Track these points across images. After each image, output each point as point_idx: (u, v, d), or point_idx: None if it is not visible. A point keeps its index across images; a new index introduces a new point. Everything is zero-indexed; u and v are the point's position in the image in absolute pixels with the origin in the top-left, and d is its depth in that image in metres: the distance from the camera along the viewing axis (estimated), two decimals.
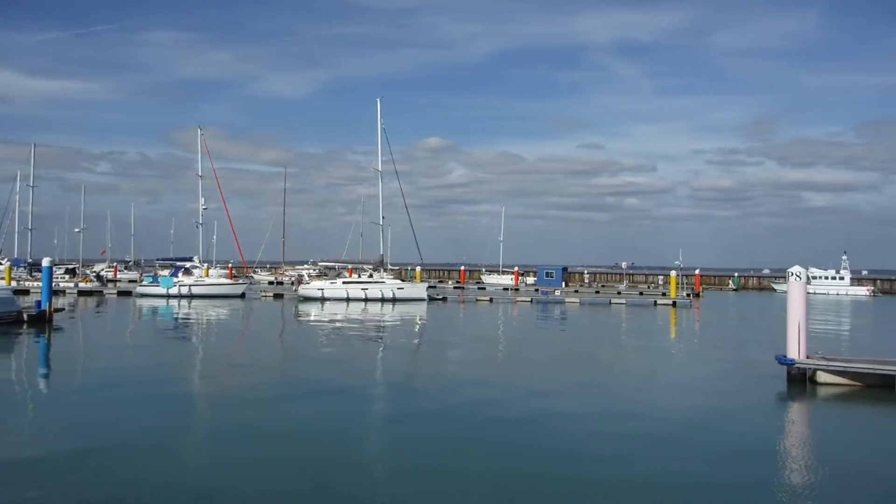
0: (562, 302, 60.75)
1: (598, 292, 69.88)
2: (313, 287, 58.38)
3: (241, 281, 64.60)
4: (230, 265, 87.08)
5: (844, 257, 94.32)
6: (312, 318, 42.21)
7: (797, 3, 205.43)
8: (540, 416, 15.82)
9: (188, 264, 61.32)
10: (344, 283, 58.68)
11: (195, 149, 64.58)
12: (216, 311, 45.17)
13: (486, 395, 18.09)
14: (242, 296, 58.95)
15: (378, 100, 61.34)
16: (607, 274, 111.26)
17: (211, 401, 17.69)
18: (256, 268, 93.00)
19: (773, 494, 10.61)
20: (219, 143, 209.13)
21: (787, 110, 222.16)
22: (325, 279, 62.18)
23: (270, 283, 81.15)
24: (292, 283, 65.13)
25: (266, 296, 60.81)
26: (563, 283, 79.13)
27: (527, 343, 31.95)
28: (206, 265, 65.62)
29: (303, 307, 49.88)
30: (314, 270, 78.47)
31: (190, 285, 58.16)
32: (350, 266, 65.94)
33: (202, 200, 63.67)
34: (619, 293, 67.52)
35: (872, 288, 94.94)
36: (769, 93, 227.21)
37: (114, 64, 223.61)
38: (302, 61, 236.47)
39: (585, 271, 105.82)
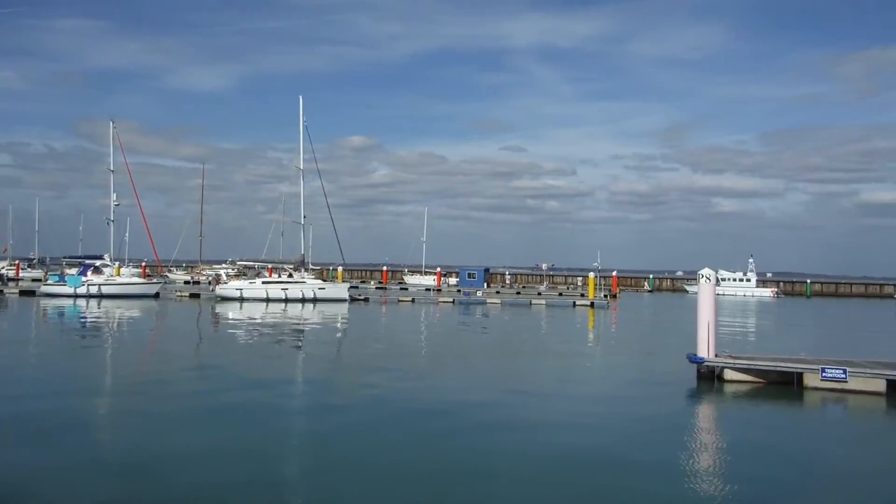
0: (483, 303, 61.30)
1: (518, 293, 70.86)
2: (231, 287, 57.00)
3: (155, 280, 62.47)
4: (144, 264, 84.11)
5: (751, 260, 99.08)
6: (230, 318, 41.14)
7: (708, 16, 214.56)
8: (457, 416, 15.86)
9: (98, 263, 58.80)
10: (263, 283, 57.54)
11: (106, 142, 62.00)
12: (127, 312, 43.44)
13: (405, 397, 18.00)
14: (156, 296, 57.03)
15: (300, 97, 60.67)
16: (528, 275, 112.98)
17: (102, 418, 15.72)
18: (172, 267, 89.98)
19: (681, 489, 10.94)
20: (132, 137, 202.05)
21: (698, 118, 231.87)
22: (244, 279, 60.79)
23: (186, 282, 78.75)
24: (209, 283, 63.40)
25: (182, 296, 58.97)
26: (485, 284, 79.90)
27: (448, 344, 32.04)
28: (117, 264, 63.15)
29: (220, 308, 48.59)
30: (233, 270, 76.59)
31: (100, 285, 55.80)
32: (270, 266, 64.70)
33: (114, 196, 61.23)
34: (539, 294, 68.67)
35: (776, 289, 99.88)
36: (682, 101, 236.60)
37: (18, 50, 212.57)
38: (219, 55, 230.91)
39: (507, 272, 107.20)
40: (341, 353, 28.85)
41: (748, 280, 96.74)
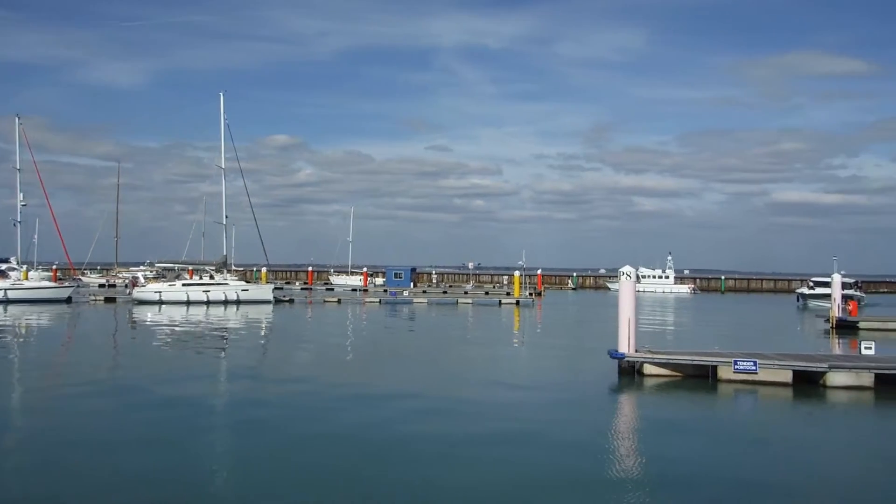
0: (410, 302, 61.29)
1: (445, 292, 71.15)
2: (150, 290, 55.19)
3: (66, 284, 59.82)
4: (55, 267, 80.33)
5: (669, 258, 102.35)
6: (148, 323, 39.80)
7: (629, 20, 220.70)
8: (380, 417, 15.78)
9: (4, 266, 55.91)
10: (184, 285, 55.92)
11: (12, 139, 58.96)
12: (35, 319, 41.42)
13: (328, 398, 17.81)
14: (68, 300, 54.62)
15: (221, 94, 59.19)
16: (455, 274, 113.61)
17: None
18: (85, 269, 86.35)
19: (600, 478, 11.20)
20: (41, 134, 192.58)
21: (621, 119, 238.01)
22: (163, 281, 58.92)
23: (101, 285, 75.80)
24: (126, 286, 61.16)
25: (96, 300, 56.67)
26: (412, 284, 79.83)
27: (373, 344, 31.88)
28: (24, 267, 60.13)
29: (137, 311, 46.92)
30: (151, 272, 74.16)
31: (6, 289, 53.00)
32: (190, 267, 62.92)
33: (21, 196, 58.28)
34: (465, 293, 69.12)
35: (693, 286, 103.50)
36: (605, 102, 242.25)
37: None
38: (136, 49, 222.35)
39: (434, 272, 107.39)
40: (266, 357, 28.32)
41: (667, 277, 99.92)
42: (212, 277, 57.30)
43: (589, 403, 18.13)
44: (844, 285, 63.93)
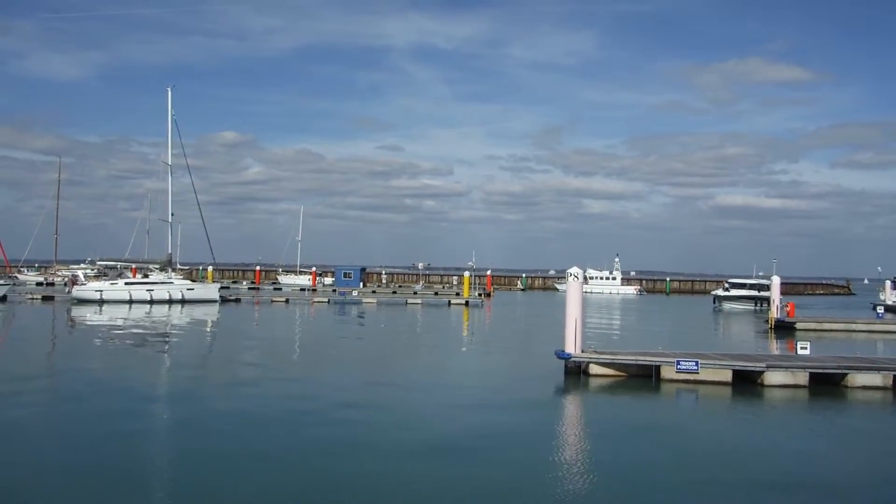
0: (359, 302, 60.95)
1: (395, 293, 70.99)
2: (90, 288, 53.64)
3: (2, 282, 57.63)
4: None
5: (616, 259, 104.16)
6: (88, 323, 38.68)
7: (580, 23, 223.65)
8: (327, 418, 15.69)
9: None
10: (126, 283, 54.52)
11: None
12: None
13: (268, 403, 17.53)
14: (3, 299, 52.69)
15: (169, 89, 57.95)
16: (404, 274, 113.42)
17: None
18: (22, 267, 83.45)
19: (544, 480, 11.32)
20: None
21: (570, 122, 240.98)
22: (105, 279, 57.37)
23: (39, 284, 73.40)
24: (65, 285, 59.32)
25: (33, 298, 54.86)
26: (361, 284, 79.42)
27: (320, 345, 31.59)
28: None
29: (77, 311, 45.53)
30: (92, 270, 72.16)
31: None
32: (134, 265, 61.39)
33: None
34: (415, 293, 69.07)
35: (639, 287, 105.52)
36: (555, 105, 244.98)
37: None
38: (78, 41, 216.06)
39: (383, 272, 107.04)
40: (210, 358, 27.79)
41: (614, 278, 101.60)
42: (156, 276, 56.03)
43: (535, 403, 18.29)
44: (761, 287, 65.94)
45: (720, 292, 70.77)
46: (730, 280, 76.43)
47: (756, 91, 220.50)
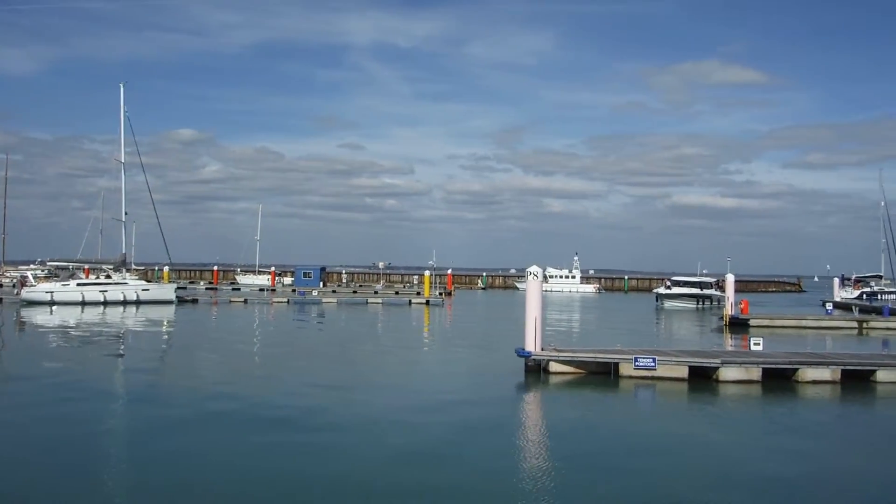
0: (319, 302, 60.51)
1: (355, 292, 70.61)
2: (40, 290, 52.24)
3: None
4: None
5: (576, 258, 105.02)
6: (37, 325, 37.66)
7: (540, 24, 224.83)
8: (286, 423, 15.55)
9: None
10: (79, 284, 53.20)
11: None
12: None
13: (236, 407, 17.32)
14: None
15: (121, 85, 56.68)
16: (365, 274, 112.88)
17: None
18: None
19: (505, 475, 11.39)
20: None
21: (531, 122, 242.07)
22: (56, 280, 55.91)
23: None
24: (14, 286, 57.60)
25: None
26: (321, 284, 78.79)
27: (279, 345, 31.27)
28: None
29: (26, 313, 44.28)
30: (43, 271, 70.23)
31: None
32: (86, 266, 59.96)
33: None
34: (375, 293, 68.79)
35: (598, 286, 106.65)
36: (516, 105, 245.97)
37: None
38: (27, 34, 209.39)
39: (343, 271, 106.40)
40: (165, 360, 27.30)
41: (573, 277, 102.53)
42: (109, 277, 54.83)
43: (495, 401, 18.39)
44: (703, 285, 66.93)
45: (662, 290, 69.66)
46: (672, 278, 75.31)
47: (712, 93, 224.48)
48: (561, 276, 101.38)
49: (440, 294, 68.62)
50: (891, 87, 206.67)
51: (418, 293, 66.75)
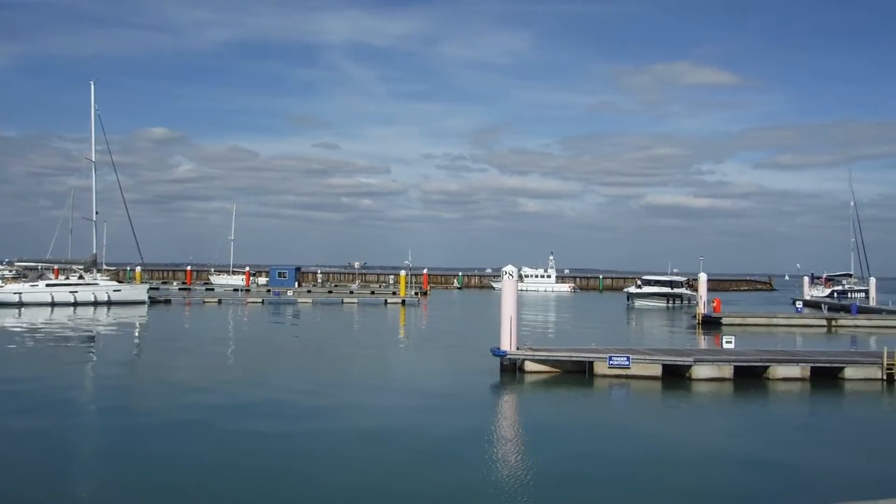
0: (294, 302, 60.15)
1: (330, 292, 70.29)
2: (8, 291, 51.34)
3: None
4: None
5: (551, 257, 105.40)
6: (5, 327, 36.94)
7: (515, 24, 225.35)
8: (261, 422, 15.43)
9: None
10: (48, 285, 52.36)
11: None
12: None
13: (197, 406, 17.16)
14: None
15: (92, 82, 55.85)
16: (340, 273, 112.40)
17: None
18: None
19: (483, 469, 11.41)
20: None
21: (507, 122, 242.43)
22: (24, 281, 54.94)
23: None
24: None
25: None
26: (296, 284, 78.30)
27: (253, 346, 31.02)
28: None
29: None
30: (10, 272, 68.93)
31: None
32: (56, 266, 59.00)
33: None
34: (351, 293, 68.53)
35: (573, 285, 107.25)
36: (492, 104, 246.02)
37: None
38: None
39: (319, 271, 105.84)
40: (135, 363, 26.95)
41: (548, 276, 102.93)
42: (80, 277, 54.01)
43: (470, 400, 18.42)
44: (673, 284, 67.47)
45: (633, 290, 69.75)
46: (643, 277, 75.30)
47: (684, 94, 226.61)
48: (536, 276, 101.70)
49: (416, 294, 68.56)
50: (860, 89, 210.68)
51: (394, 293, 66.62)
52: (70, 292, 51.24)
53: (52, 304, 49.54)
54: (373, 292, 71.19)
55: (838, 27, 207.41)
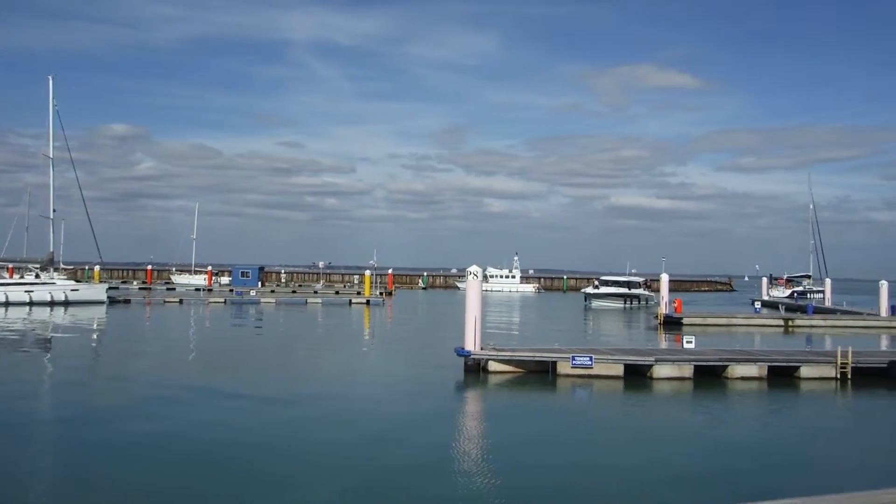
0: (257, 303, 59.54)
1: (294, 292, 69.77)
2: None
3: None
4: None
5: (516, 258, 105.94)
6: None
7: (482, 25, 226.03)
8: (225, 425, 15.25)
9: None
10: (2, 284, 51.06)
11: None
12: None
13: (172, 413, 16.90)
14: None
15: (50, 77, 54.58)
16: (304, 273, 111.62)
17: None
18: None
19: (441, 473, 11.42)
20: None
21: (472, 122, 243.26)
22: None
23: None
24: None
25: None
26: (260, 283, 77.57)
27: (214, 347, 30.63)
28: None
29: None
30: None
31: None
32: (10, 265, 57.59)
33: None
34: (315, 293, 68.09)
35: (538, 285, 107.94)
36: (458, 105, 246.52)
37: None
38: None
39: (283, 271, 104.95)
40: (92, 365, 26.41)
41: (513, 277, 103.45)
42: (36, 276, 52.77)
43: (434, 400, 18.43)
44: (631, 284, 68.20)
45: (590, 290, 68.00)
46: (601, 277, 75.01)
47: (648, 96, 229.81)
48: (501, 276, 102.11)
49: (381, 294, 68.38)
50: (821, 93, 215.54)
51: (359, 293, 66.36)
52: (25, 292, 50.04)
53: (7, 304, 48.30)
54: (337, 292, 70.83)
55: (801, 32, 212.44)
